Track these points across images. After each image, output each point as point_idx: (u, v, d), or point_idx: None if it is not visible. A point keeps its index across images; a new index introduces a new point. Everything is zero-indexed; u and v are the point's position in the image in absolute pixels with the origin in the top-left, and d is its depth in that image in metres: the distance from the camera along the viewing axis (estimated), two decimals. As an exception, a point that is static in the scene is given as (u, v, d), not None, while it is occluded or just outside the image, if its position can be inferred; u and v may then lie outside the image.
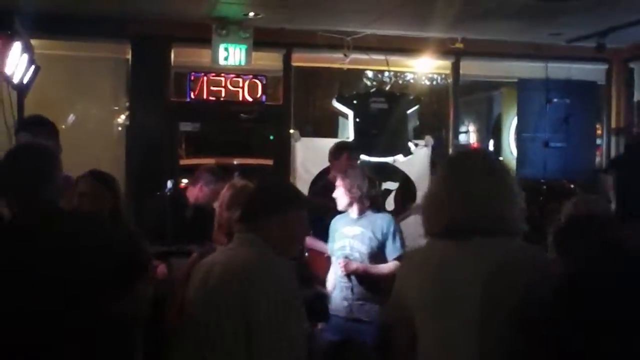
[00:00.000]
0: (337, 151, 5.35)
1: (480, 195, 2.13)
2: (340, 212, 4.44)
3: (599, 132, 8.18)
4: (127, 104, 7.07)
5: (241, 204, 2.78)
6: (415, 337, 2.19)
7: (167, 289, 3.50)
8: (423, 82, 8.76)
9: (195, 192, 5.17)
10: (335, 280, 4.33)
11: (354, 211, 4.34)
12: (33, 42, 6.00)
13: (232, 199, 3.20)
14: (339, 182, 4.37)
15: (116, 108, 7.38)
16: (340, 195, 4.35)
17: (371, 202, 4.46)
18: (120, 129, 7.35)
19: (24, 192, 2.50)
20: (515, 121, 7.99)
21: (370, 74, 9.11)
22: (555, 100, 7.45)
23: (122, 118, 7.31)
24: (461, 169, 2.24)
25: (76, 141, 6.58)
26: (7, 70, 5.63)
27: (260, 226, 2.57)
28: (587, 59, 7.73)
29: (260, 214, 2.61)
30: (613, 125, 8.09)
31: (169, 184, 5.14)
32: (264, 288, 2.36)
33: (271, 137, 7.45)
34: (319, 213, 4.27)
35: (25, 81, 5.92)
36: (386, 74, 8.58)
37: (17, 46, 5.57)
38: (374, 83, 8.84)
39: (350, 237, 4.30)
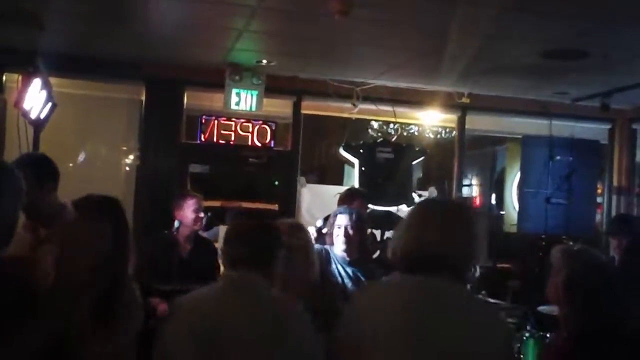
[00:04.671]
0: (350, 197, 5.43)
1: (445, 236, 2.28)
2: None
3: (600, 190, 8.27)
4: (139, 144, 7.22)
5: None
6: None
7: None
8: (429, 135, 8.91)
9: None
10: None
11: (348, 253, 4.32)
12: (52, 80, 6.18)
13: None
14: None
15: (127, 148, 7.51)
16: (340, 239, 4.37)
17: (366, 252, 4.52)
18: (129, 168, 7.47)
19: None
20: (518, 176, 8.11)
21: (376, 124, 9.26)
22: (558, 157, 7.56)
23: (132, 158, 7.44)
24: (430, 211, 2.40)
25: (87, 178, 6.72)
26: (26, 106, 5.81)
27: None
28: (592, 118, 7.88)
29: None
30: (615, 184, 8.19)
31: (176, 223, 5.24)
32: None
33: (275, 183, 7.55)
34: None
35: (42, 117, 6.09)
36: (392, 125, 8.72)
37: (36, 83, 5.76)
38: (380, 134, 8.97)
39: (344, 276, 4.28)
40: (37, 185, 3.39)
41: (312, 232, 4.39)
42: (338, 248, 4.30)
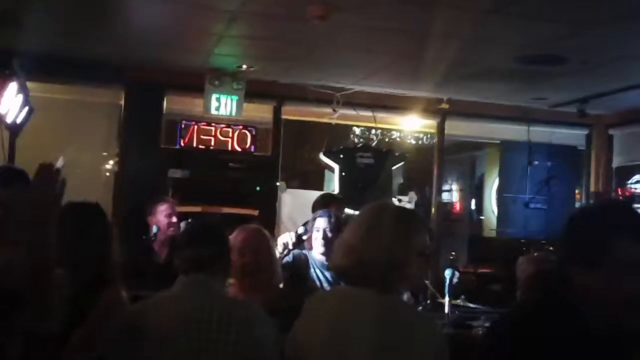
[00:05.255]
0: (325, 202, 5.43)
1: (383, 246, 2.20)
2: None
3: (578, 195, 8.34)
4: (118, 149, 7.17)
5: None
6: None
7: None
8: (409, 140, 8.93)
9: None
10: None
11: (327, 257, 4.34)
12: (29, 84, 6.11)
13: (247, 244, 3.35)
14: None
15: (106, 153, 7.46)
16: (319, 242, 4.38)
17: None
18: (108, 173, 7.42)
19: None
20: (497, 181, 8.16)
21: (357, 130, 9.28)
22: (536, 162, 7.65)
23: (112, 162, 7.39)
24: (374, 218, 2.30)
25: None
26: (1, 109, 5.72)
27: None
28: (569, 124, 7.94)
29: None
30: (592, 189, 8.27)
31: (154, 228, 5.22)
32: None
33: (258, 188, 7.54)
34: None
35: (18, 121, 6.01)
36: (375, 131, 8.74)
37: (12, 86, 5.69)
38: (362, 140, 8.99)
39: (322, 280, 4.30)
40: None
41: (292, 238, 4.37)
42: (317, 251, 4.31)
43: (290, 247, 4.39)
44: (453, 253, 8.50)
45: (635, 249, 1.76)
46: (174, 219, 5.22)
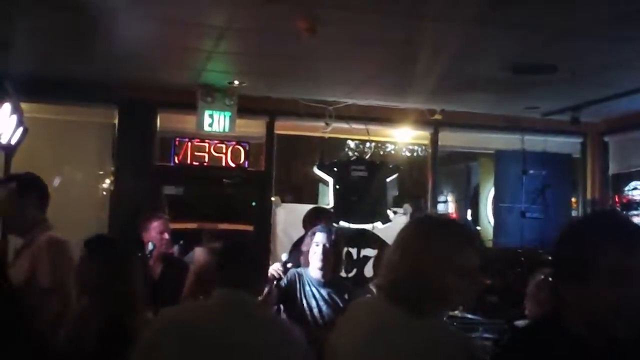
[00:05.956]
0: (315, 216, 5.43)
1: (415, 260, 2.05)
2: None
3: (574, 203, 8.33)
4: (112, 167, 7.18)
5: None
6: None
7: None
8: (403, 152, 8.95)
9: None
10: None
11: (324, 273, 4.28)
12: (23, 105, 6.14)
13: None
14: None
15: (101, 172, 7.47)
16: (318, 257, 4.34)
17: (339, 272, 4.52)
18: (104, 192, 7.43)
19: None
20: (492, 191, 8.15)
21: (352, 144, 9.30)
22: (531, 171, 7.64)
23: (107, 182, 7.40)
24: (409, 233, 2.16)
25: (60, 204, 6.63)
26: (-4, 131, 5.76)
27: None
28: (563, 132, 7.94)
29: None
30: (588, 197, 8.25)
31: (150, 245, 5.21)
32: None
33: (253, 203, 7.55)
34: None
35: (13, 142, 6.04)
36: (369, 144, 8.76)
37: (6, 107, 5.72)
38: (356, 153, 9.00)
39: (318, 299, 4.24)
40: (18, 194, 3.67)
41: (279, 268, 4.30)
42: (314, 266, 4.26)
43: (277, 279, 4.30)
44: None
45: (619, 257, 1.75)
46: (166, 236, 5.21)
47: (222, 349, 2.47)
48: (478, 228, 9.29)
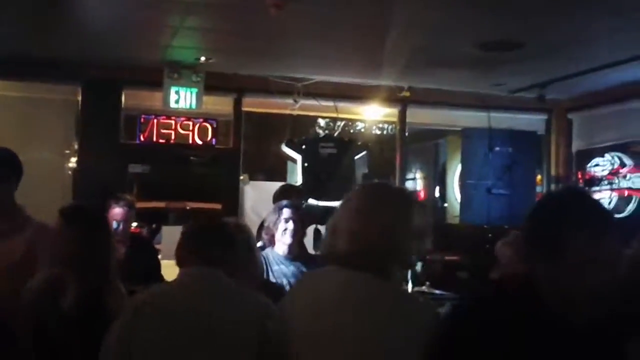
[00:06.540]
0: (285, 193, 5.41)
1: (384, 228, 2.09)
2: None
3: (539, 180, 8.44)
4: (76, 146, 7.06)
5: None
6: None
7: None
8: (372, 130, 8.96)
9: None
10: None
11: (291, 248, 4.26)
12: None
13: None
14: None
15: (67, 151, 7.34)
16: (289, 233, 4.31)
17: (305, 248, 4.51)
18: (69, 172, 7.31)
19: None
20: (459, 168, 8.21)
21: (322, 122, 9.30)
22: (497, 149, 7.70)
23: (71, 161, 7.27)
24: (375, 201, 2.18)
25: (24, 182, 6.52)
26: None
27: None
28: (529, 110, 8.03)
29: None
30: (553, 173, 8.37)
31: (115, 224, 5.12)
32: None
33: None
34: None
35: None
36: (339, 122, 8.75)
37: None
38: (326, 131, 8.99)
39: (289, 275, 4.20)
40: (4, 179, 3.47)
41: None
42: (284, 242, 4.23)
43: None
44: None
45: (586, 245, 1.77)
46: (122, 224, 5.09)
47: (196, 327, 2.44)
48: (445, 205, 9.38)
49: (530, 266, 1.87)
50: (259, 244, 4.28)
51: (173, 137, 7.11)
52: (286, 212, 4.25)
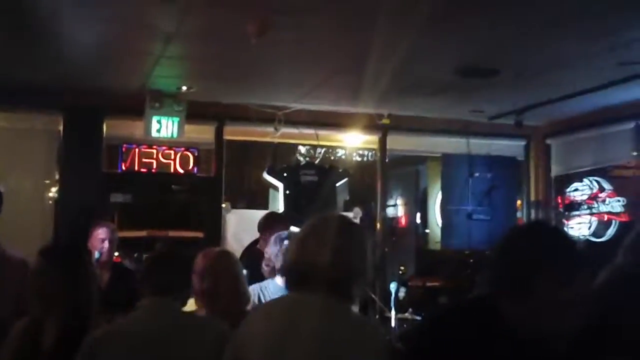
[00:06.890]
0: (271, 221, 5.42)
1: (335, 251, 2.19)
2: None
3: (519, 205, 8.51)
4: (58, 176, 7.03)
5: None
6: None
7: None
8: (353, 157, 9.01)
9: None
10: None
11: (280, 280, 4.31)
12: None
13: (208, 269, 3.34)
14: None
15: (47, 181, 7.30)
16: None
17: None
18: (50, 201, 7.27)
19: None
20: (440, 194, 8.27)
21: (302, 149, 9.32)
22: (477, 174, 7.78)
23: (52, 190, 7.24)
24: (314, 226, 2.31)
25: (5, 213, 6.47)
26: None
27: None
28: (507, 135, 8.12)
29: None
30: (532, 198, 8.45)
31: (96, 254, 5.11)
32: None
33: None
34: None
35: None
36: (320, 149, 8.79)
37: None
38: (307, 158, 9.03)
39: None
40: None
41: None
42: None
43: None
44: (402, 267, 8.59)
45: (562, 284, 1.79)
46: (106, 244, 5.09)
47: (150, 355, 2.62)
48: (427, 231, 9.43)
49: (495, 302, 1.88)
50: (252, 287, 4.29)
51: (155, 166, 7.13)
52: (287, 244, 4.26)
